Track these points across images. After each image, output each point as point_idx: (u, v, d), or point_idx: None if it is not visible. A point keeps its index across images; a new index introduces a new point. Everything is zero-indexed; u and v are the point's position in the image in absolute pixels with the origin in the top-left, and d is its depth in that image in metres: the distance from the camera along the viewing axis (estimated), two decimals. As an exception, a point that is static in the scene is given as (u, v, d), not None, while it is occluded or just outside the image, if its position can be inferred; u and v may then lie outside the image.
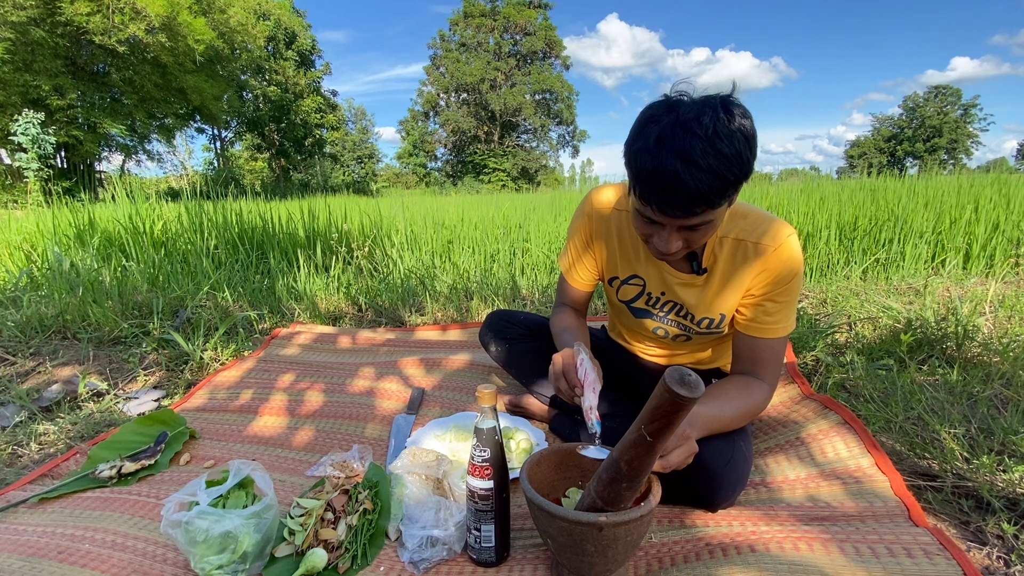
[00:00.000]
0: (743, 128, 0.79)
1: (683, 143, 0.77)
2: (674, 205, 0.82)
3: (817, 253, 3.32)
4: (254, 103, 30.01)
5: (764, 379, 1.04)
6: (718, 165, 0.77)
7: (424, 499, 0.96)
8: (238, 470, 0.92)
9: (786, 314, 1.02)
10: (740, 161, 0.79)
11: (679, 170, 0.77)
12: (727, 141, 0.77)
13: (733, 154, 0.78)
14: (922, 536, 0.85)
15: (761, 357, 1.04)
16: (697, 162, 0.77)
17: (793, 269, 0.99)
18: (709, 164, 0.77)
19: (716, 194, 0.80)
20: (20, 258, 3.40)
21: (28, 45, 15.19)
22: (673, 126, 0.79)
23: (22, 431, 1.45)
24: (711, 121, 0.77)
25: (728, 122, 0.78)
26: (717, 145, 0.77)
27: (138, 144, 21.86)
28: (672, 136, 0.78)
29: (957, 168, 9.51)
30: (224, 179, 14.69)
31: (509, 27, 35.86)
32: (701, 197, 0.79)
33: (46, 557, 0.93)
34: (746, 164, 0.80)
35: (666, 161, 0.78)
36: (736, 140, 0.78)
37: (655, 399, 0.67)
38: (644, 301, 1.15)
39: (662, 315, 1.14)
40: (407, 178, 41.37)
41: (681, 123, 0.78)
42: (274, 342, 2.08)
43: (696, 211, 0.82)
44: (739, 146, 0.78)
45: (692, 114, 0.78)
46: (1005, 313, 2.02)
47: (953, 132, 39.04)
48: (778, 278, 0.99)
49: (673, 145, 0.78)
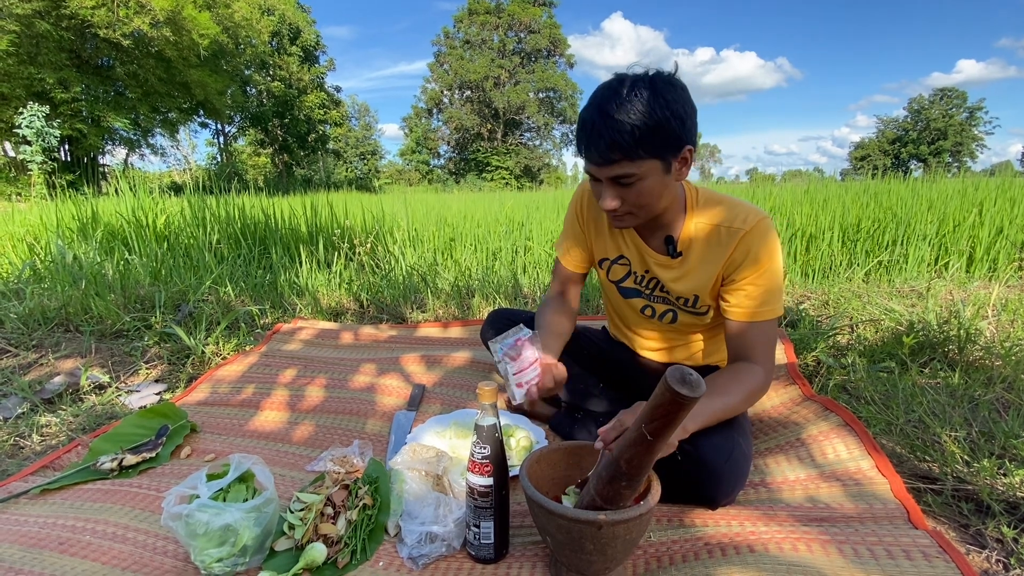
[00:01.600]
0: (663, 94, 0.89)
1: (603, 98, 0.92)
2: (593, 151, 0.93)
3: (820, 255, 3.32)
4: (258, 98, 30.01)
5: (756, 362, 1.05)
6: (627, 117, 0.88)
7: (424, 495, 0.96)
8: (239, 464, 0.92)
9: (769, 297, 1.03)
10: (654, 118, 0.88)
11: (595, 119, 0.91)
12: (640, 99, 0.89)
13: (645, 110, 0.88)
14: (921, 538, 0.85)
15: (751, 342, 1.05)
16: (610, 113, 0.89)
17: (767, 250, 1.02)
18: (621, 116, 0.89)
19: (629, 145, 0.89)
20: (23, 250, 3.41)
21: (33, 38, 15.20)
22: (603, 88, 0.94)
23: (24, 422, 1.46)
24: (631, 84, 0.90)
25: (648, 86, 0.90)
26: (631, 101, 0.89)
27: (142, 138, 21.86)
28: (598, 94, 0.94)
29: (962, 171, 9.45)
30: (227, 174, 14.71)
31: (514, 24, 35.80)
32: (614, 145, 0.90)
33: (47, 548, 0.93)
34: (662, 124, 0.89)
35: (587, 112, 0.93)
36: (651, 101, 0.89)
37: (656, 398, 0.67)
38: (632, 280, 1.21)
39: (648, 292, 1.19)
40: (410, 175, 41.36)
41: (608, 86, 0.93)
42: (276, 337, 2.08)
43: (613, 158, 0.92)
44: (653, 106, 0.88)
45: (618, 80, 0.92)
46: (1008, 317, 2.01)
47: (958, 135, 38.90)
48: (753, 259, 1.02)
49: (596, 100, 0.93)
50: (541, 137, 39.59)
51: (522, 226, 4.47)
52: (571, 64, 38.18)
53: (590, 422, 1.30)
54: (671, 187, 1.00)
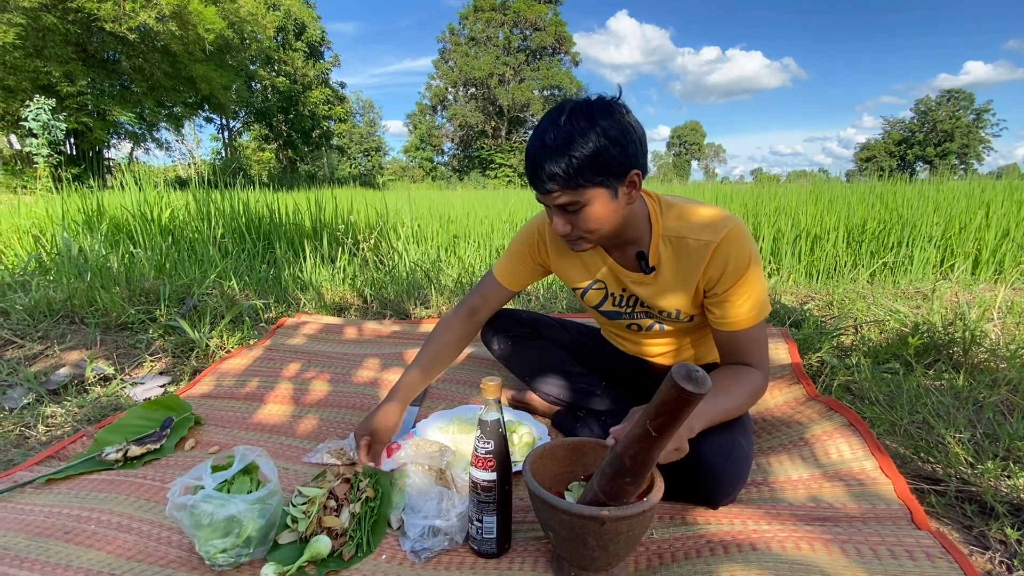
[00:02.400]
0: (599, 121, 0.88)
1: (542, 128, 0.92)
2: (533, 179, 0.94)
3: (825, 255, 3.31)
4: (263, 93, 30.03)
5: (754, 365, 1.04)
6: (563, 145, 0.88)
7: (427, 489, 0.96)
8: (243, 456, 0.92)
9: (755, 302, 1.02)
10: (590, 147, 0.87)
11: (536, 149, 0.91)
12: (576, 129, 0.88)
13: (581, 140, 0.87)
14: (924, 539, 0.85)
15: (745, 348, 1.04)
16: (547, 143, 0.89)
17: (742, 258, 0.99)
18: (557, 145, 0.88)
19: (567, 175, 0.89)
20: (29, 243, 3.43)
21: (39, 31, 15.24)
22: (544, 118, 0.93)
23: (30, 413, 1.47)
24: (568, 112, 0.90)
25: (584, 115, 0.89)
26: (567, 130, 0.88)
27: (147, 132, 21.92)
28: (539, 125, 0.93)
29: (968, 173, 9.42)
30: (232, 169, 14.74)
31: (519, 22, 35.72)
32: (553, 176, 0.90)
33: (52, 537, 0.94)
34: (600, 152, 0.88)
35: (530, 142, 0.93)
36: (586, 130, 0.88)
37: (661, 394, 0.67)
38: (611, 303, 1.19)
39: (629, 311, 1.18)
40: (413, 172, 41.37)
41: (549, 115, 0.93)
42: (280, 331, 2.09)
43: (551, 188, 0.92)
44: (588, 136, 0.87)
45: (558, 109, 0.92)
46: (1013, 319, 2.00)
47: (965, 137, 38.68)
48: (732, 270, 0.99)
49: (537, 131, 0.93)
50: (545, 135, 39.49)
51: (525, 223, 4.46)
52: (576, 62, 38.09)
53: (592, 420, 1.30)
54: (622, 210, 0.98)
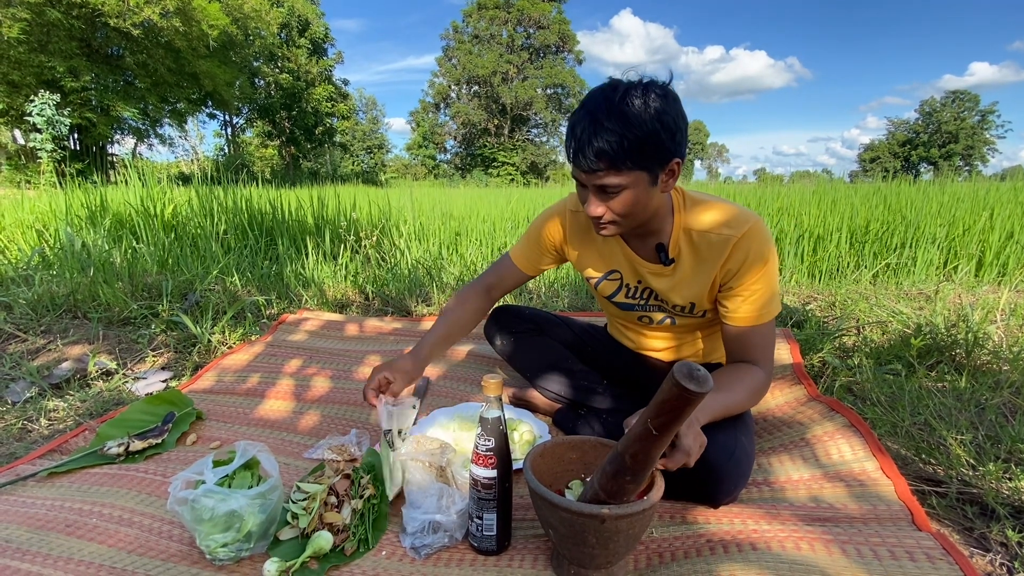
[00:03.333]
0: (655, 105, 0.87)
1: (594, 105, 0.89)
2: (580, 157, 0.91)
3: (827, 256, 3.30)
4: (266, 90, 30.06)
5: (758, 364, 1.04)
6: (616, 126, 0.86)
7: (427, 485, 0.96)
8: (244, 451, 0.92)
9: (766, 300, 1.02)
10: (643, 130, 0.86)
11: (585, 125, 0.89)
12: (631, 109, 0.86)
13: (635, 121, 0.86)
14: (925, 540, 0.85)
15: (751, 344, 1.04)
16: (601, 121, 0.87)
17: (761, 255, 1.00)
18: (612, 124, 0.86)
19: (616, 155, 0.87)
20: (32, 237, 3.44)
21: (44, 26, 15.27)
22: (595, 94, 0.91)
23: (32, 407, 1.47)
24: (624, 92, 0.88)
25: (641, 96, 0.87)
26: (622, 109, 0.86)
27: (150, 128, 21.98)
28: (590, 100, 0.91)
29: (972, 175, 9.38)
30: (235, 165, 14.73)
31: (523, 20, 35.65)
32: (601, 154, 0.88)
33: (54, 530, 0.94)
34: (651, 136, 0.87)
35: (577, 117, 0.91)
36: (642, 112, 0.86)
37: (662, 393, 0.67)
38: (624, 294, 1.20)
39: (643, 303, 1.18)
40: (416, 169, 41.36)
41: (601, 92, 0.90)
42: (282, 327, 2.09)
43: (596, 167, 0.90)
44: (644, 118, 0.86)
45: (611, 86, 0.90)
46: (1017, 322, 1.99)
47: (969, 138, 38.52)
48: (749, 265, 1.00)
49: (587, 106, 0.90)
50: (548, 134, 39.49)
51: (528, 222, 4.46)
52: (580, 60, 38.03)
53: (593, 418, 1.30)
54: (656, 198, 0.98)
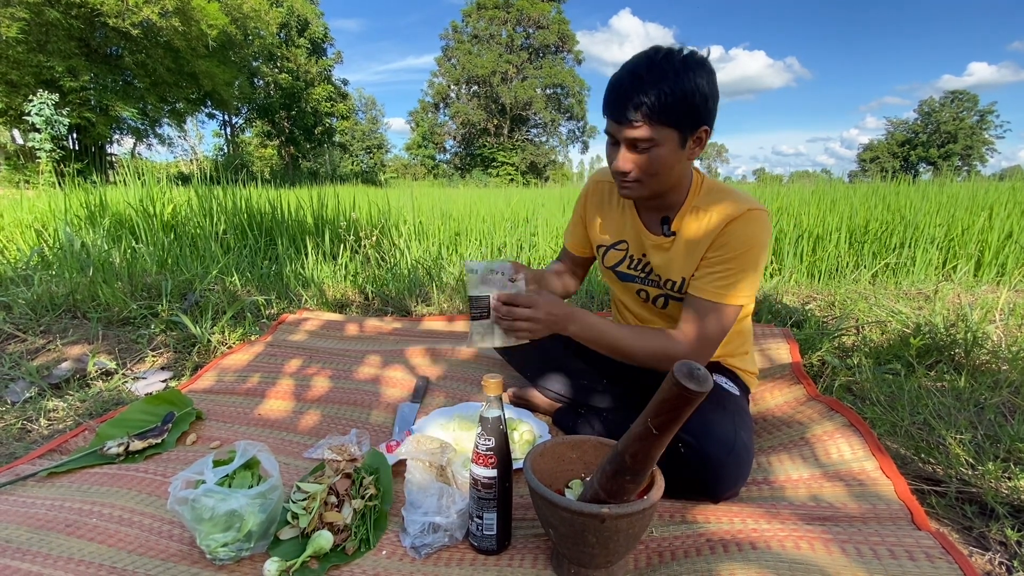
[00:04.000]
0: (695, 71, 0.92)
1: (636, 62, 0.96)
2: (616, 108, 0.96)
3: (827, 256, 3.30)
4: (265, 90, 30.04)
5: (681, 330, 1.06)
6: (657, 80, 0.91)
7: (427, 485, 0.96)
8: (244, 451, 0.92)
9: (729, 282, 1.03)
10: (684, 90, 0.91)
11: (625, 79, 0.95)
12: (671, 68, 0.92)
13: (677, 78, 0.91)
14: (924, 539, 0.85)
15: (690, 314, 1.06)
16: (641, 75, 0.93)
17: (751, 237, 1.02)
18: (652, 78, 0.91)
19: (653, 108, 0.92)
20: (32, 237, 3.43)
21: (43, 26, 15.25)
22: (639, 54, 0.97)
23: (32, 407, 1.47)
24: (665, 53, 0.94)
25: (681, 60, 0.93)
26: (663, 67, 0.92)
27: (149, 128, 21.95)
28: (633, 59, 0.97)
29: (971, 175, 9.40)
30: (234, 165, 14.73)
31: (522, 20, 35.64)
32: (639, 105, 0.92)
33: (54, 530, 0.94)
34: (687, 96, 0.92)
35: (619, 73, 0.97)
36: (681, 73, 0.91)
37: (662, 392, 0.67)
38: (627, 265, 1.23)
39: (643, 276, 1.21)
40: (415, 169, 41.35)
41: (644, 53, 0.96)
42: (282, 327, 2.09)
43: (634, 118, 0.94)
44: (682, 78, 0.91)
45: (655, 49, 0.96)
46: (1016, 321, 2.00)
47: (968, 138, 38.53)
48: (734, 242, 1.02)
49: (629, 64, 0.96)
50: (548, 133, 39.48)
51: (527, 222, 4.47)
52: (579, 60, 38.02)
53: (593, 418, 1.30)
54: (682, 164, 1.02)
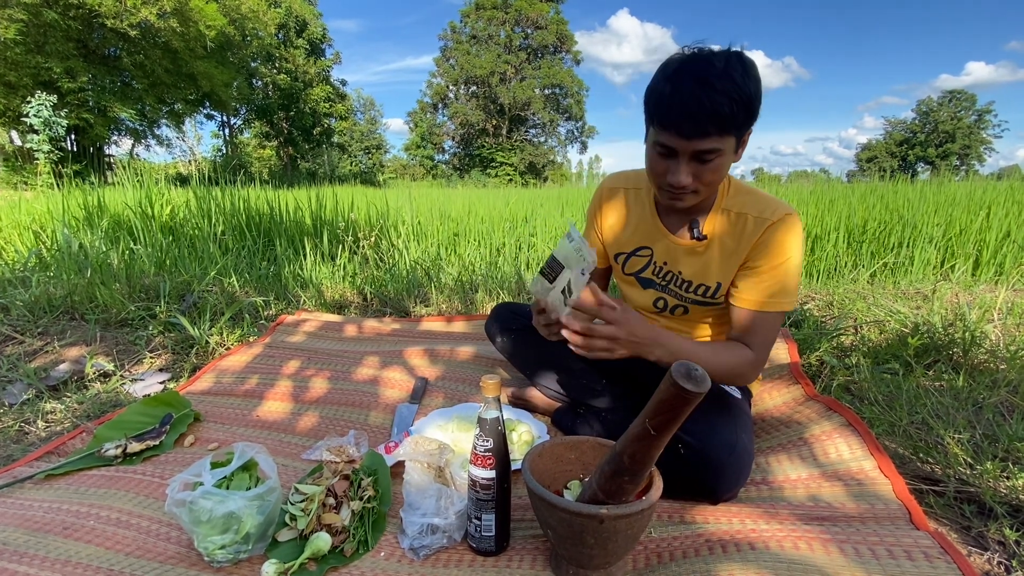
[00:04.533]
0: (752, 72, 0.90)
1: (700, 69, 0.88)
2: (690, 122, 0.89)
3: (825, 255, 3.30)
4: (263, 91, 30.01)
5: (751, 348, 1.05)
6: (731, 89, 0.87)
7: (425, 487, 0.96)
8: (242, 452, 0.92)
9: (779, 289, 1.03)
10: (749, 95, 0.88)
11: (695, 90, 0.87)
12: (739, 73, 0.88)
13: (743, 84, 0.87)
14: (923, 539, 0.85)
15: (751, 328, 1.05)
16: (713, 84, 0.86)
17: (789, 245, 1.02)
18: (724, 87, 0.86)
19: (727, 118, 0.88)
20: (29, 239, 3.43)
21: (40, 27, 15.22)
22: (691, 59, 0.91)
23: (29, 409, 1.47)
24: (724, 57, 0.89)
25: (739, 62, 0.89)
26: (731, 72, 0.87)
27: (147, 129, 21.89)
28: (691, 65, 0.90)
29: (969, 174, 9.42)
30: (232, 166, 14.72)
31: (520, 20, 35.65)
32: (714, 117, 0.88)
33: (51, 532, 0.94)
34: (753, 101, 0.90)
35: (684, 83, 0.89)
36: (747, 77, 0.88)
37: (660, 393, 0.67)
38: (651, 271, 1.19)
39: (663, 284, 1.19)
40: (414, 170, 41.33)
41: (697, 57, 0.90)
42: (280, 329, 2.09)
43: (709, 131, 0.89)
44: (749, 82, 0.88)
45: (706, 54, 0.90)
46: (1014, 321, 2.00)
47: (966, 138, 38.60)
48: (773, 251, 1.02)
49: (691, 71, 0.89)
50: (546, 134, 39.49)
51: (526, 222, 4.47)
52: (578, 61, 38.02)
53: (592, 418, 1.30)
54: (728, 167, 1.00)
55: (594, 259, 0.88)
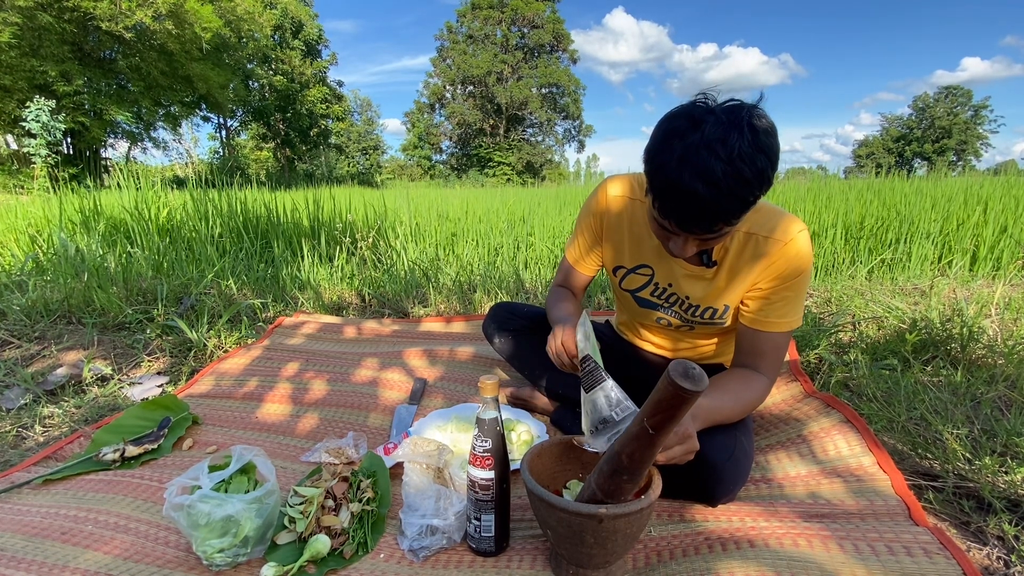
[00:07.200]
0: (767, 147, 0.78)
1: (706, 165, 0.77)
2: (693, 223, 0.83)
3: (823, 252, 3.31)
4: (260, 92, 29.94)
5: (764, 373, 1.04)
6: (739, 188, 0.78)
7: (424, 488, 0.96)
8: (240, 455, 0.92)
9: (791, 309, 1.02)
10: (761, 180, 0.79)
11: (700, 192, 0.78)
12: (749, 164, 0.77)
13: (754, 176, 0.78)
14: (922, 535, 0.85)
15: (763, 350, 1.04)
16: (719, 185, 0.77)
17: (801, 265, 0.99)
18: (730, 187, 0.77)
19: (735, 215, 0.82)
20: (26, 243, 3.41)
21: (35, 30, 15.16)
22: (697, 146, 0.77)
23: (27, 413, 1.46)
24: (736, 143, 0.76)
25: (753, 142, 0.77)
26: (739, 168, 0.76)
27: (144, 131, 21.82)
28: (696, 157, 0.77)
29: (966, 170, 9.43)
30: (229, 168, 14.71)
31: (517, 19, 35.62)
32: (720, 217, 0.81)
33: (49, 537, 0.94)
34: (767, 182, 0.81)
35: (688, 181, 0.78)
36: (759, 161, 0.78)
37: (658, 392, 0.67)
38: (650, 292, 1.15)
39: (667, 306, 1.15)
40: (412, 170, 41.31)
41: (705, 143, 0.77)
42: (278, 331, 2.09)
43: (714, 229, 0.84)
44: (761, 165, 0.78)
45: (717, 134, 0.77)
46: (1011, 315, 2.00)
47: (963, 133, 38.69)
48: (785, 273, 0.99)
49: (696, 166, 0.77)
50: (544, 133, 39.48)
51: (524, 221, 4.47)
52: (574, 59, 38.01)
53: (591, 417, 1.29)
54: None
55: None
